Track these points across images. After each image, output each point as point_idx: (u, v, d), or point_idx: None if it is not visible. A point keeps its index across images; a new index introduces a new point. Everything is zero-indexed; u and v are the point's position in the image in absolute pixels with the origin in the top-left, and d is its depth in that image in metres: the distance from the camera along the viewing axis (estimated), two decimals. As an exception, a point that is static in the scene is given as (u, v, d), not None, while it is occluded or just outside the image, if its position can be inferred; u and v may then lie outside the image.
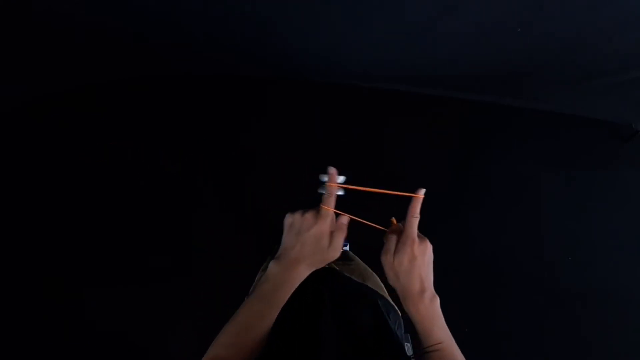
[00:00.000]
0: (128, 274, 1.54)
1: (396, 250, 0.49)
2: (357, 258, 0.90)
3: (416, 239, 0.49)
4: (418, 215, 0.49)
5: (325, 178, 0.50)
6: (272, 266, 0.48)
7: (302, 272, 0.49)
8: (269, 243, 1.45)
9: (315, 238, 0.47)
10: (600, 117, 1.66)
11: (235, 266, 1.23)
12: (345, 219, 0.51)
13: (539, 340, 1.50)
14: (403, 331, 0.69)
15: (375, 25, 1.08)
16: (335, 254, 0.49)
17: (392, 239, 0.50)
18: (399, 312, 0.71)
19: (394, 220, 0.55)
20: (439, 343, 0.46)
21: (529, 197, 1.66)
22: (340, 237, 0.50)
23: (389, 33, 1.12)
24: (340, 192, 0.50)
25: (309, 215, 0.48)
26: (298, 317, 0.52)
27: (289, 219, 0.49)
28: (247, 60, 1.54)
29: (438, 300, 0.50)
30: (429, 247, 0.50)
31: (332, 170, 0.50)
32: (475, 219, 1.63)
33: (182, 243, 1.57)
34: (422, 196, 0.50)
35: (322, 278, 0.68)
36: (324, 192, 0.49)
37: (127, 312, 1.49)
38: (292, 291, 0.49)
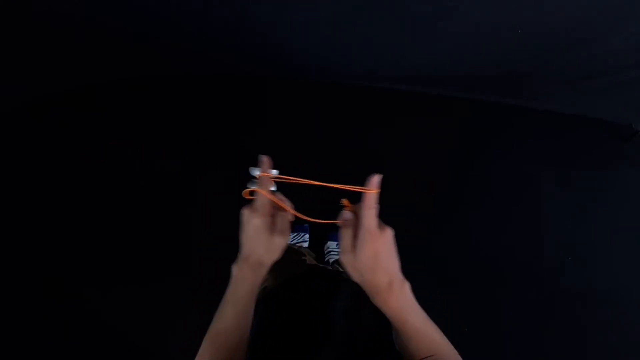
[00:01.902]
0: (128, 274, 1.54)
1: (355, 247, 0.44)
2: None
3: (376, 231, 0.43)
4: (374, 206, 0.44)
5: (256, 172, 0.48)
6: (233, 269, 0.49)
7: (258, 269, 0.48)
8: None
9: (256, 232, 0.46)
10: (600, 117, 1.66)
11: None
12: (288, 204, 0.49)
13: (539, 340, 1.50)
14: None
15: (375, 24, 1.08)
16: (284, 239, 0.47)
17: (348, 234, 0.45)
18: None
19: (345, 202, 0.49)
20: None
21: (528, 197, 1.66)
22: (283, 221, 0.48)
23: (389, 32, 1.12)
24: (273, 188, 0.48)
25: (246, 211, 0.47)
26: (299, 318, 0.52)
27: (241, 217, 0.48)
28: (247, 60, 1.53)
29: (408, 285, 0.46)
30: (390, 236, 0.45)
31: (264, 158, 0.49)
32: (475, 218, 1.63)
33: (182, 243, 1.57)
34: (376, 191, 0.45)
35: (327, 279, 0.68)
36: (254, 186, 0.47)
37: (127, 312, 1.49)
38: (256, 289, 0.49)
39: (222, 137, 1.68)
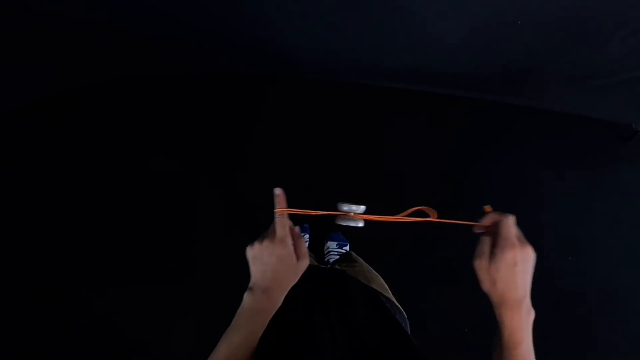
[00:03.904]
0: (128, 274, 1.53)
1: (492, 255, 0.46)
2: (360, 259, 0.90)
3: (516, 243, 0.45)
4: (513, 216, 0.46)
5: (344, 207, 0.49)
6: (247, 298, 0.48)
7: (278, 297, 0.49)
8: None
9: (281, 261, 0.47)
10: (600, 117, 1.66)
11: (236, 266, 1.23)
12: (297, 229, 0.51)
13: (539, 340, 1.49)
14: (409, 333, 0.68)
15: (375, 20, 1.08)
16: (306, 261, 0.49)
17: (486, 241, 0.48)
18: (404, 313, 0.71)
19: (488, 208, 0.51)
20: None
21: (528, 197, 1.66)
22: (302, 245, 0.49)
23: (389, 29, 1.12)
24: (361, 224, 0.50)
25: (267, 243, 0.47)
26: (298, 319, 0.52)
27: (250, 252, 0.49)
28: (248, 59, 1.54)
29: (533, 314, 0.46)
30: (531, 254, 0.45)
31: (278, 191, 0.49)
32: (475, 218, 1.62)
33: (182, 243, 1.57)
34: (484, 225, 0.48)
35: (329, 280, 0.68)
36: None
37: (127, 312, 1.49)
38: (269, 319, 0.48)
39: (222, 136, 1.68)
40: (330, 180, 1.55)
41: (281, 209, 0.48)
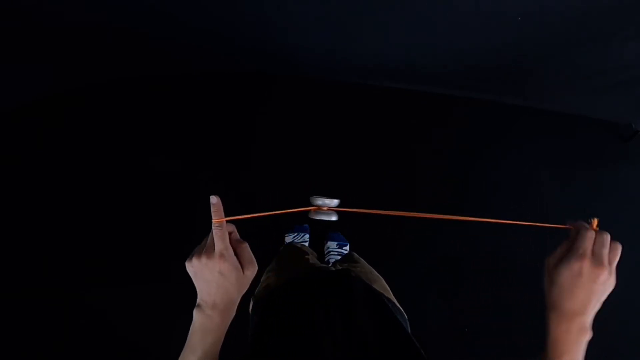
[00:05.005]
0: (128, 274, 1.53)
1: (562, 257, 0.46)
2: (362, 260, 0.90)
3: (589, 256, 0.44)
4: (592, 230, 0.47)
5: (318, 201, 0.46)
6: (196, 315, 0.46)
7: (229, 311, 0.47)
8: (270, 242, 1.45)
9: (224, 277, 0.44)
10: (600, 117, 1.66)
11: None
12: (235, 233, 0.49)
13: (539, 340, 1.49)
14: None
15: (375, 20, 1.08)
16: (253, 268, 0.47)
17: (564, 244, 0.48)
18: (405, 315, 0.71)
19: (594, 222, 0.50)
20: None
21: (529, 197, 1.66)
22: (246, 251, 0.47)
23: (389, 28, 1.12)
24: (334, 218, 0.47)
25: (205, 260, 0.44)
26: (300, 318, 0.52)
27: (189, 268, 0.46)
28: (248, 59, 1.54)
29: (589, 336, 0.46)
30: (605, 277, 0.44)
31: (214, 200, 0.47)
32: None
33: (182, 242, 1.57)
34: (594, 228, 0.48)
35: (332, 280, 0.68)
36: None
37: (127, 312, 1.49)
38: (224, 333, 0.47)
39: (222, 136, 1.68)
40: (330, 180, 1.54)
41: (219, 219, 0.45)
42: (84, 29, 1.21)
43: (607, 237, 0.47)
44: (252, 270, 0.47)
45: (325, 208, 0.46)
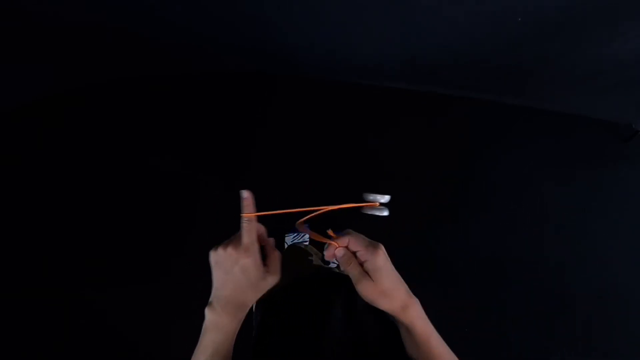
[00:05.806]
0: (128, 274, 1.53)
1: (371, 274, 0.43)
2: None
3: (369, 245, 0.44)
4: (350, 231, 0.45)
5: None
6: (207, 314, 0.45)
7: (239, 315, 0.45)
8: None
9: (244, 273, 0.43)
10: (600, 117, 1.66)
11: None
12: (271, 240, 0.48)
13: (540, 340, 1.50)
14: None
15: (375, 20, 1.08)
16: (275, 277, 0.45)
17: (354, 266, 0.44)
18: None
19: (331, 232, 0.47)
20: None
21: (529, 197, 1.66)
22: (275, 259, 0.46)
23: (389, 28, 1.12)
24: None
25: (231, 250, 0.43)
26: (303, 318, 0.52)
27: (213, 257, 0.45)
28: (248, 59, 1.54)
29: (418, 300, 0.45)
30: (380, 246, 0.44)
31: (245, 194, 0.45)
32: (475, 218, 1.63)
33: (183, 242, 1.57)
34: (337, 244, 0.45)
35: (334, 280, 0.68)
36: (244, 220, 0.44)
37: (127, 312, 1.49)
38: (234, 335, 0.45)
39: (222, 136, 1.68)
40: (330, 180, 1.55)
41: (249, 214, 0.44)
42: (84, 29, 1.21)
43: (348, 235, 0.45)
44: (274, 279, 0.45)
45: (377, 203, 0.45)
